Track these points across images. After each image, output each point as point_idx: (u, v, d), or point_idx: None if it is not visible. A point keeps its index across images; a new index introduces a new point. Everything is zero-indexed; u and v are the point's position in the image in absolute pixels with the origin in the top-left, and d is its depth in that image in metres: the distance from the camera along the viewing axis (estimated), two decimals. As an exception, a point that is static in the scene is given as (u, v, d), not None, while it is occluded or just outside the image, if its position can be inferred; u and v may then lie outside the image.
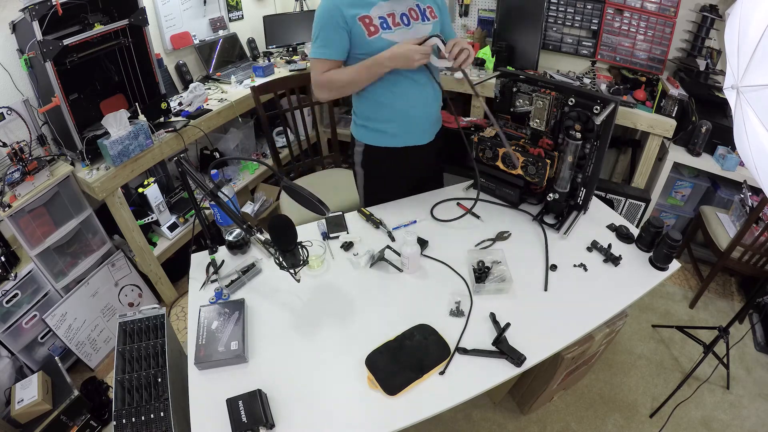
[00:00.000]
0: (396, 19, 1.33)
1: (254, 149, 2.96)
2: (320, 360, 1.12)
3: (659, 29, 2.33)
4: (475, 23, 2.83)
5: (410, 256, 1.32)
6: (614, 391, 1.93)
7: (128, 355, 1.38)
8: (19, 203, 1.69)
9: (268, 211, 2.82)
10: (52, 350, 1.97)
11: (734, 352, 1.99)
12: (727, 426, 1.82)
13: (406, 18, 1.35)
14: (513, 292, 1.28)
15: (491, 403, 1.87)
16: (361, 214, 1.60)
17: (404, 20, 1.35)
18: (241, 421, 0.94)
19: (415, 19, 1.36)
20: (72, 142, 1.85)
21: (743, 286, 2.49)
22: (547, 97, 1.38)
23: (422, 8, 1.38)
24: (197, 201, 1.34)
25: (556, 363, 1.42)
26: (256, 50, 3.07)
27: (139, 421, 1.24)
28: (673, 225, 2.66)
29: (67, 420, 1.68)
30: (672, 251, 1.31)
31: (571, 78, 2.47)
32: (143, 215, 2.20)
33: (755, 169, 1.06)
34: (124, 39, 1.94)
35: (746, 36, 1.01)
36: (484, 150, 1.58)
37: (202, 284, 1.35)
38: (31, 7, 1.58)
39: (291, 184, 1.21)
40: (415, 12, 1.37)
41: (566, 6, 2.50)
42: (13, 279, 1.78)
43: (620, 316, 1.38)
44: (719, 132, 2.19)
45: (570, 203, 1.54)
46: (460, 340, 1.14)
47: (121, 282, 2.19)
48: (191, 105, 2.35)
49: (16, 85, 1.85)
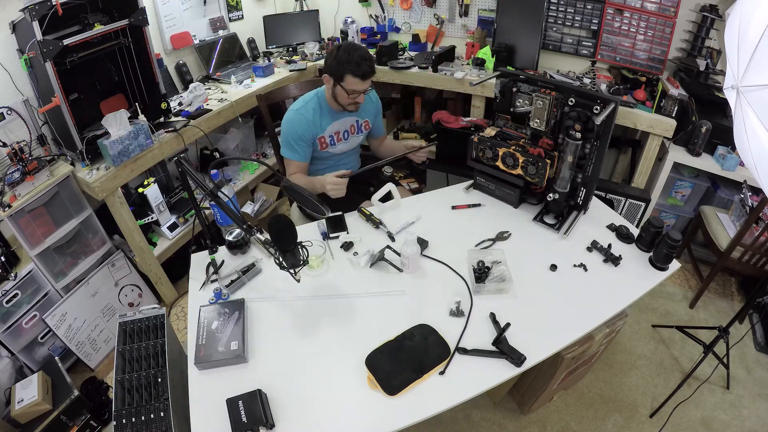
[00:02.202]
0: (339, 135, 1.83)
1: (254, 149, 2.96)
2: (320, 360, 1.12)
3: (659, 29, 2.33)
4: (475, 23, 2.83)
5: (410, 256, 1.32)
6: (614, 391, 1.93)
7: (128, 355, 1.38)
8: (19, 203, 1.69)
9: (268, 211, 2.82)
10: (52, 350, 1.97)
11: (734, 352, 1.99)
12: (727, 426, 1.82)
13: (347, 134, 1.85)
14: (513, 292, 1.28)
15: (491, 403, 1.87)
16: (361, 214, 1.60)
17: (345, 136, 1.85)
18: (241, 421, 0.94)
19: (352, 134, 1.87)
20: (72, 142, 1.85)
21: (743, 286, 2.49)
22: (547, 97, 1.38)
23: (360, 123, 1.87)
24: (197, 201, 1.34)
25: (556, 363, 1.42)
26: (256, 50, 3.07)
27: (139, 421, 1.24)
28: (673, 225, 2.66)
29: (67, 420, 1.68)
30: (672, 251, 1.31)
31: (571, 78, 2.47)
32: (143, 215, 2.20)
33: (755, 169, 1.06)
34: (124, 39, 1.94)
35: (746, 36, 1.01)
36: (484, 150, 1.58)
37: (202, 284, 1.35)
38: (31, 7, 1.58)
39: (291, 184, 1.21)
40: (353, 127, 1.86)
41: (566, 6, 2.50)
42: (13, 279, 1.78)
43: (620, 316, 1.38)
44: (719, 132, 2.18)
45: (570, 203, 1.54)
46: (460, 340, 1.14)
47: (121, 282, 2.19)
48: (191, 105, 2.35)
49: (16, 85, 1.85)
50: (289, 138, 1.74)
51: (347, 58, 1.59)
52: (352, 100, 1.69)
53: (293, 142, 1.74)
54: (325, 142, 1.81)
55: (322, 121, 1.77)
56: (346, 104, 1.71)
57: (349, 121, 1.84)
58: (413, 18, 3.04)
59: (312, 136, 1.76)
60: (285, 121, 1.75)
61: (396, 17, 3.09)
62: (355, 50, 1.61)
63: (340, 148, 1.87)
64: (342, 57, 1.60)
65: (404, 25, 3.08)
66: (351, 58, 1.59)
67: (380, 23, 3.14)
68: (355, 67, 1.59)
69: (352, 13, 3.19)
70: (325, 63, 1.67)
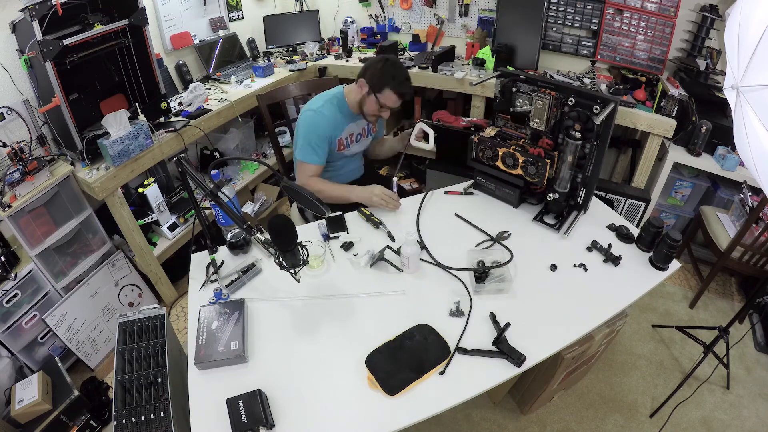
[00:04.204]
0: (353, 138, 1.85)
1: (254, 149, 2.96)
2: (320, 360, 1.12)
3: (659, 29, 2.33)
4: (475, 23, 2.83)
5: (410, 256, 1.32)
6: (614, 391, 1.93)
7: (128, 355, 1.38)
8: (19, 203, 1.69)
9: (268, 211, 2.82)
10: (52, 350, 1.97)
11: (734, 352, 1.99)
12: (727, 426, 1.82)
13: (359, 137, 1.88)
14: (513, 292, 1.28)
15: (491, 403, 1.87)
16: (361, 214, 1.60)
17: (357, 138, 1.87)
18: (241, 421, 0.94)
19: (363, 137, 1.90)
20: (72, 142, 1.85)
21: (743, 286, 2.49)
22: (547, 97, 1.38)
23: (369, 127, 1.91)
24: (197, 201, 1.34)
25: (556, 363, 1.42)
26: (256, 50, 3.07)
27: (139, 421, 1.24)
28: (673, 225, 2.66)
29: (67, 420, 1.68)
30: (672, 251, 1.31)
31: (571, 78, 2.47)
32: (143, 215, 2.20)
33: (755, 169, 1.06)
34: (124, 39, 1.94)
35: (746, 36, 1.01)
36: (484, 150, 1.58)
37: (202, 284, 1.35)
38: (31, 7, 1.58)
39: (291, 184, 1.21)
40: (365, 130, 1.89)
41: (566, 6, 2.50)
42: (13, 279, 1.78)
43: (620, 316, 1.38)
44: (719, 132, 2.18)
45: (570, 203, 1.54)
46: (460, 340, 1.14)
47: (121, 282, 2.19)
48: (191, 105, 2.35)
49: (16, 85, 1.85)
50: (311, 138, 1.67)
51: (394, 73, 1.61)
52: (380, 112, 1.71)
53: (315, 143, 1.68)
54: (343, 144, 1.80)
55: (342, 122, 1.76)
56: (370, 113, 1.72)
57: (362, 123, 1.86)
58: (413, 18, 3.04)
59: (332, 137, 1.74)
60: (305, 121, 1.69)
61: (396, 17, 3.09)
62: (402, 69, 1.65)
63: (354, 149, 1.88)
64: (388, 70, 1.61)
65: (404, 25, 3.08)
66: (397, 74, 1.62)
67: (380, 23, 3.14)
68: (398, 85, 1.62)
69: (352, 13, 3.19)
70: (366, 69, 1.66)
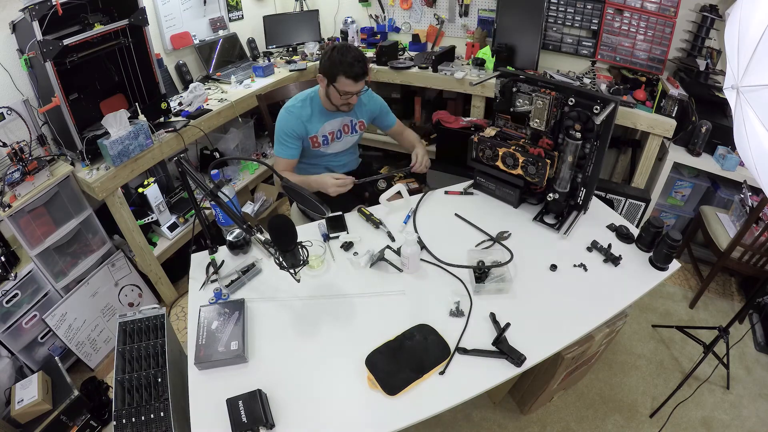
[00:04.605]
0: (334, 135, 1.85)
1: (254, 149, 2.96)
2: (320, 360, 1.12)
3: (659, 29, 2.33)
4: (475, 23, 2.83)
5: (410, 256, 1.32)
6: (614, 391, 1.93)
7: (128, 355, 1.38)
8: (19, 203, 1.69)
9: (268, 211, 2.82)
10: (52, 350, 1.97)
11: (734, 352, 1.99)
12: (727, 426, 1.81)
13: (340, 134, 1.86)
14: (513, 292, 1.28)
15: (491, 403, 1.87)
16: (361, 214, 1.60)
17: (339, 135, 1.86)
18: (241, 421, 0.94)
19: (346, 133, 1.88)
20: (72, 142, 1.85)
21: (743, 286, 2.49)
22: (547, 97, 1.38)
23: (354, 123, 1.89)
24: (197, 201, 1.34)
25: (556, 363, 1.42)
26: (256, 50, 3.07)
27: (139, 421, 1.24)
28: (673, 225, 2.66)
29: (67, 420, 1.68)
30: (672, 251, 1.31)
31: (571, 78, 2.47)
32: (143, 215, 2.20)
33: (755, 169, 1.06)
34: (124, 39, 1.94)
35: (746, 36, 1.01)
36: (484, 150, 1.58)
37: (202, 284, 1.35)
38: (31, 7, 1.58)
39: (291, 184, 1.21)
40: (347, 127, 1.87)
41: (566, 6, 2.50)
42: (13, 279, 1.78)
43: (620, 316, 1.38)
44: (719, 132, 2.18)
45: (570, 203, 1.54)
46: (460, 340, 1.14)
47: (121, 282, 2.19)
48: (191, 105, 2.35)
49: (16, 85, 1.84)
50: (279, 134, 1.77)
51: (340, 59, 1.60)
52: (345, 100, 1.70)
53: (283, 139, 1.77)
54: (317, 141, 1.83)
55: (314, 120, 1.79)
56: (339, 104, 1.73)
57: (343, 121, 1.86)
58: (413, 18, 3.04)
59: (302, 134, 1.78)
60: (278, 118, 1.79)
61: (396, 17, 3.10)
62: (349, 51, 1.61)
63: (335, 147, 1.89)
64: (335, 58, 1.61)
65: (404, 25, 3.08)
66: (344, 59, 1.60)
67: (380, 23, 3.14)
68: (347, 68, 1.60)
69: (352, 13, 3.19)
70: (320, 63, 1.68)
